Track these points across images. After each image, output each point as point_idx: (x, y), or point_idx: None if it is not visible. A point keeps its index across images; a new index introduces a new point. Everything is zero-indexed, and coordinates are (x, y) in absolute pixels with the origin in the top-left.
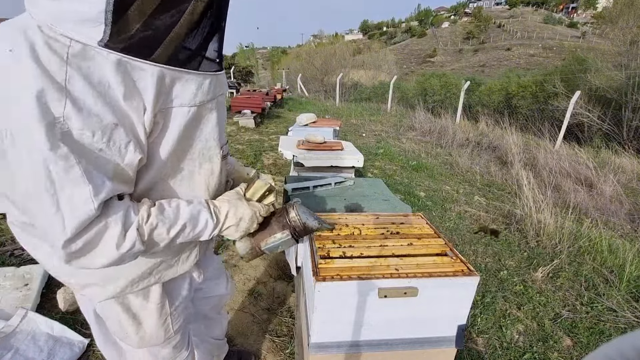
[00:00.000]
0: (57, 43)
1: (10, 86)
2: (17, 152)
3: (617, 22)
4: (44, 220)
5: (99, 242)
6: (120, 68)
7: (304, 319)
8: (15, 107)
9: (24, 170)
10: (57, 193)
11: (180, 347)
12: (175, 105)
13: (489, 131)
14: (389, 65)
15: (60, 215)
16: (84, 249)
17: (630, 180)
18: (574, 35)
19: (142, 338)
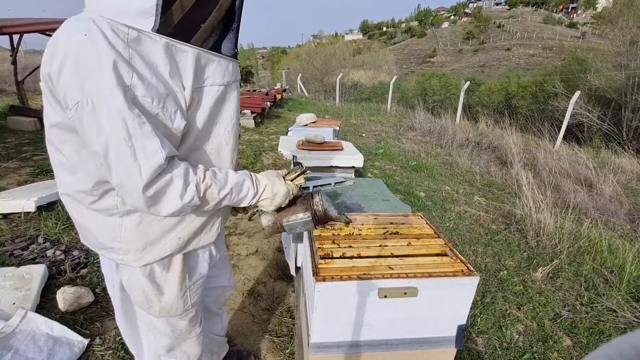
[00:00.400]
0: (119, 30)
1: (89, 62)
2: (97, 116)
3: (617, 23)
4: (123, 171)
5: (166, 191)
6: (168, 51)
7: (303, 319)
8: (95, 78)
9: (105, 130)
10: (134, 145)
11: (194, 322)
12: (207, 84)
13: (488, 131)
14: (388, 65)
15: (137, 164)
16: (155, 197)
17: (629, 180)
18: (573, 35)
19: (163, 307)
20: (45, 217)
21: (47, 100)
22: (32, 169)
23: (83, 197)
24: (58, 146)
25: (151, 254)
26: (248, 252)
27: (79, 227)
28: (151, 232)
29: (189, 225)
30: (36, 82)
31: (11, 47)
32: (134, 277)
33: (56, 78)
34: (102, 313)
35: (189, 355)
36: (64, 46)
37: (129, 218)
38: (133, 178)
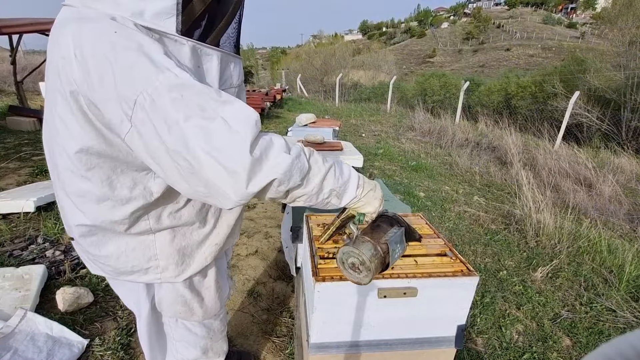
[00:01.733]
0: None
1: (131, 55)
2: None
3: (616, 23)
4: (224, 145)
5: (271, 147)
6: (194, 54)
7: (303, 319)
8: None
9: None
10: (220, 115)
11: (224, 320)
12: (226, 86)
13: (488, 131)
14: (388, 65)
15: (233, 130)
16: (260, 158)
17: (629, 180)
18: (573, 35)
19: (205, 311)
20: (44, 218)
21: (75, 121)
22: (32, 169)
23: (113, 226)
24: (84, 174)
25: (192, 267)
26: (248, 252)
27: (101, 258)
28: (187, 244)
29: (222, 230)
30: (35, 83)
31: (10, 47)
32: (173, 292)
33: (99, 86)
34: (101, 313)
35: (220, 353)
36: (95, 47)
37: (161, 234)
38: (234, 145)
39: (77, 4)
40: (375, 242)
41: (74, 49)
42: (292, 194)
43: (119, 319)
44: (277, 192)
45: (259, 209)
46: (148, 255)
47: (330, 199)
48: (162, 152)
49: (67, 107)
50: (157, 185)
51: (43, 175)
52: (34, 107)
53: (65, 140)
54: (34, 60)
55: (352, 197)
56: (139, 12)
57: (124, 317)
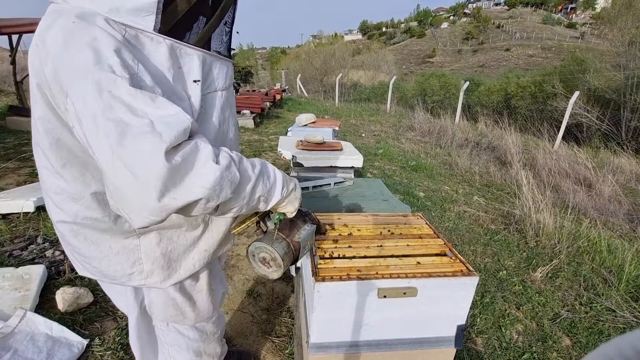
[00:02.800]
0: (114, 24)
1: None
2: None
3: (616, 23)
4: (137, 147)
5: (196, 156)
6: (172, 53)
7: (303, 319)
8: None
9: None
10: (148, 116)
11: (217, 323)
12: (211, 90)
13: (488, 131)
14: (388, 65)
15: (155, 131)
16: (183, 165)
17: (628, 180)
18: (572, 35)
19: (197, 315)
20: (44, 218)
21: (45, 110)
22: (31, 169)
23: (95, 223)
24: (59, 170)
25: (179, 272)
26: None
27: (85, 259)
28: (173, 248)
29: (214, 235)
30: None
31: (10, 47)
32: (164, 296)
33: (53, 78)
34: (101, 313)
35: (214, 355)
36: (54, 36)
37: (147, 238)
38: (149, 148)
39: (59, 0)
40: (289, 240)
41: (37, 40)
42: (222, 208)
43: (118, 319)
44: (206, 209)
45: None
46: (132, 260)
47: (259, 204)
48: (89, 147)
49: (38, 100)
50: None
51: None
52: None
53: (41, 136)
54: None
55: (278, 200)
56: (115, 8)
57: (124, 317)
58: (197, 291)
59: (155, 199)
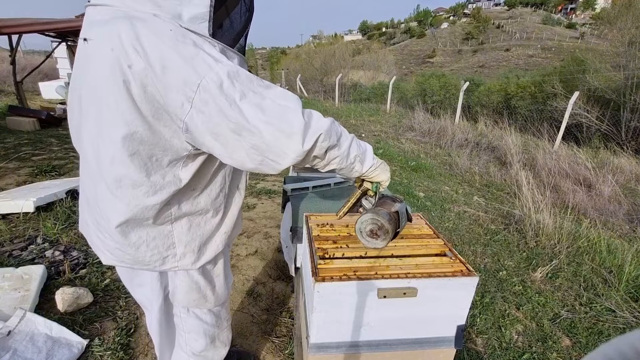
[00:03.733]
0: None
1: (188, 45)
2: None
3: (616, 23)
4: (278, 115)
5: (312, 115)
6: (224, 55)
7: (303, 319)
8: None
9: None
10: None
11: (228, 309)
12: None
13: (488, 131)
14: (388, 65)
15: (282, 105)
16: (309, 120)
17: (628, 180)
18: (572, 36)
19: (216, 298)
20: (44, 218)
21: (124, 108)
22: (31, 169)
23: (144, 212)
24: (125, 159)
25: (206, 254)
26: (247, 252)
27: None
28: (202, 232)
29: (230, 218)
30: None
31: (10, 47)
32: (188, 280)
33: (162, 75)
34: (101, 314)
35: (225, 342)
36: (155, 41)
37: (179, 224)
38: (288, 113)
39: (118, 4)
40: (388, 211)
41: (132, 43)
42: (329, 153)
43: (118, 319)
44: (320, 148)
45: (259, 209)
46: (167, 244)
47: (355, 164)
48: (224, 127)
49: (118, 95)
50: (184, 172)
51: (42, 175)
52: (34, 107)
53: (112, 127)
54: (34, 61)
55: (371, 164)
56: (177, 15)
57: (124, 318)
58: (216, 275)
59: (300, 145)
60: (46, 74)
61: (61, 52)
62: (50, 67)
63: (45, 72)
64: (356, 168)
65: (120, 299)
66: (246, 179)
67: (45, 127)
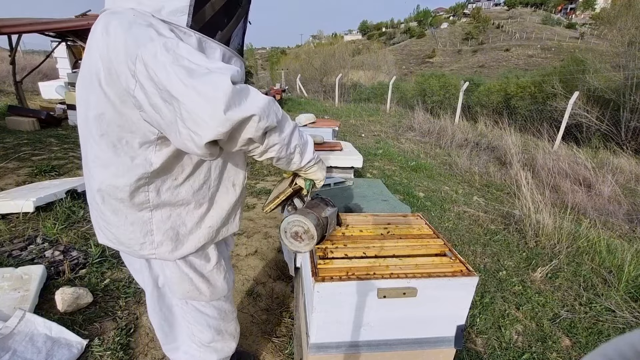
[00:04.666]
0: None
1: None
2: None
3: (616, 23)
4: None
5: (250, 89)
6: (200, 45)
7: (303, 319)
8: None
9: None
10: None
11: (232, 303)
12: None
13: (487, 131)
14: (388, 65)
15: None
16: (241, 92)
17: (628, 180)
18: (572, 36)
19: (212, 292)
20: (43, 218)
21: (95, 93)
22: (31, 169)
23: (115, 192)
24: (97, 139)
25: (186, 246)
26: (247, 252)
27: (107, 225)
28: (182, 222)
29: (218, 213)
30: (34, 83)
31: (10, 47)
32: (178, 272)
33: (115, 54)
34: (101, 314)
35: (233, 334)
36: (116, 25)
37: (159, 212)
38: (215, 76)
39: (109, 5)
40: (318, 215)
41: (101, 31)
42: (269, 138)
43: (118, 319)
44: (257, 129)
45: (259, 209)
46: (145, 231)
47: (295, 155)
48: (157, 97)
49: (94, 83)
50: (156, 157)
51: (42, 175)
52: (33, 107)
53: (89, 109)
54: (33, 60)
55: (310, 158)
56: (157, 9)
57: (123, 318)
58: (207, 270)
59: (222, 111)
60: (46, 74)
61: (61, 52)
62: (50, 67)
63: (45, 72)
64: (295, 160)
65: (120, 299)
66: (244, 177)
67: (44, 127)
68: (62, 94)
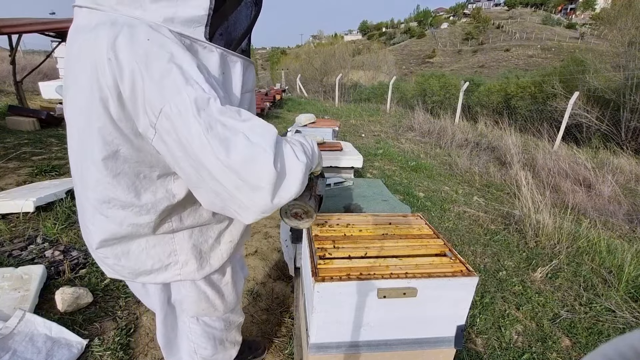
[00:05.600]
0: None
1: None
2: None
3: (616, 23)
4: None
5: (287, 161)
6: (222, 60)
7: (303, 319)
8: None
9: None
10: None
11: (239, 312)
12: (244, 91)
13: (488, 132)
14: (388, 65)
15: (254, 143)
16: (282, 171)
17: (628, 180)
18: (572, 36)
19: (225, 306)
20: (44, 218)
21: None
22: (31, 169)
23: (138, 229)
24: (110, 181)
25: (211, 263)
26: (247, 252)
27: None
28: (204, 240)
29: (237, 227)
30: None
31: (10, 47)
32: (196, 291)
33: (130, 93)
34: (101, 314)
35: (235, 342)
36: (129, 55)
37: (181, 234)
38: (256, 159)
39: (106, 8)
40: (313, 194)
41: (107, 54)
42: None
43: (118, 319)
44: (310, 169)
45: None
46: (168, 251)
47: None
48: (184, 161)
49: (96, 113)
50: (178, 187)
51: (42, 175)
52: (33, 107)
53: (92, 147)
54: (33, 60)
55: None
56: (169, 19)
57: (123, 318)
58: (224, 284)
59: (269, 200)
60: (46, 73)
61: (61, 51)
62: (50, 67)
63: (45, 72)
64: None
65: (120, 298)
66: None
67: (45, 127)
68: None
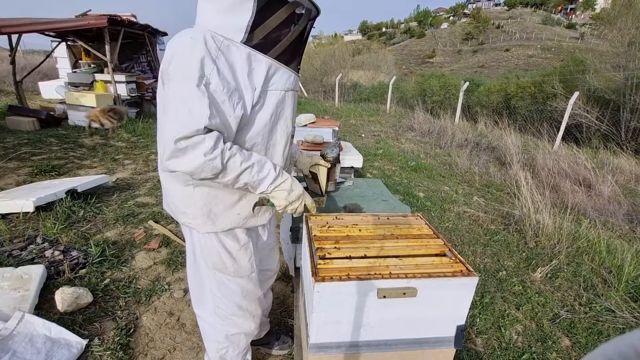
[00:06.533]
0: (217, 38)
1: (185, 56)
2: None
3: (616, 23)
4: (169, 121)
5: (195, 148)
6: (248, 58)
7: (303, 319)
8: (185, 65)
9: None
10: (188, 105)
11: (257, 285)
12: (272, 88)
13: (487, 132)
14: (388, 65)
15: (182, 121)
16: (184, 150)
17: (628, 180)
18: (572, 36)
19: (236, 269)
20: (43, 218)
21: (160, 88)
22: (31, 169)
23: (175, 176)
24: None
25: (215, 225)
26: None
27: (166, 194)
28: (215, 203)
29: (247, 204)
30: (35, 82)
31: (10, 47)
32: (210, 244)
33: (166, 67)
34: (100, 314)
35: (254, 314)
36: (175, 46)
37: (200, 189)
38: (174, 129)
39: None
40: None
41: (171, 42)
42: (219, 180)
43: (118, 319)
44: (199, 177)
45: None
46: (186, 203)
47: (247, 188)
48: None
49: (161, 77)
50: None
51: (42, 175)
52: (33, 107)
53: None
54: (33, 60)
55: (263, 190)
56: (221, 27)
57: (123, 318)
58: (236, 250)
59: (167, 157)
60: (46, 73)
61: (61, 51)
62: (50, 66)
63: (45, 72)
64: (250, 190)
65: (120, 299)
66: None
67: (45, 127)
68: (62, 93)
